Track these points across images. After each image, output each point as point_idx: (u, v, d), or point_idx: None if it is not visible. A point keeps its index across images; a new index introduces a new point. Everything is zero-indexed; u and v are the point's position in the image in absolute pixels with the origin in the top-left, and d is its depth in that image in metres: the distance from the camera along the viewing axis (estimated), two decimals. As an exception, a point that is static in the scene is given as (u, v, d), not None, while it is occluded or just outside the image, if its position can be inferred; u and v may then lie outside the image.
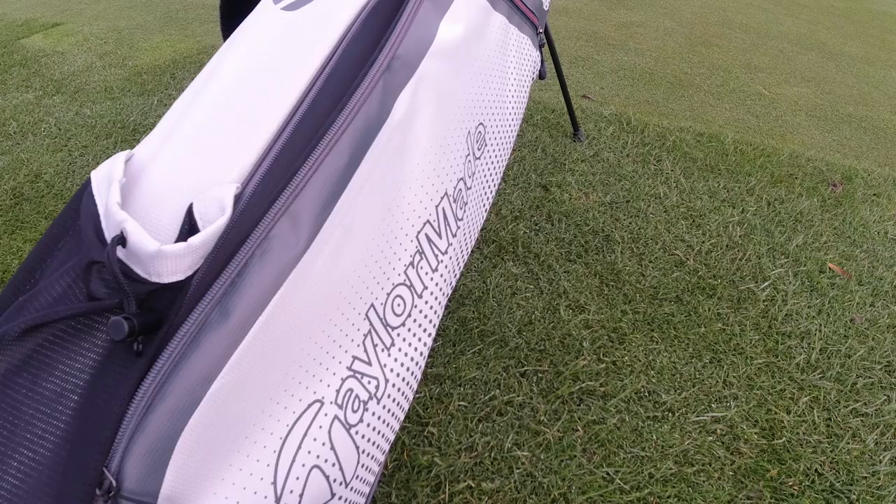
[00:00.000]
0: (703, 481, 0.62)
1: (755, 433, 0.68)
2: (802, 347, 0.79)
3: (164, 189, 0.33)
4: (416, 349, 0.43)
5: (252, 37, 0.42)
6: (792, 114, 1.57)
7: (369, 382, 0.38)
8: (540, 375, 0.72)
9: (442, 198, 0.44)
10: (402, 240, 0.41)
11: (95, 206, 0.31)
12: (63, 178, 1.06)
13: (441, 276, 0.46)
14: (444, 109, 0.45)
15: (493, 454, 0.63)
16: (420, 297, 0.43)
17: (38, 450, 0.28)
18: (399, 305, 0.41)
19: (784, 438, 0.67)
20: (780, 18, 2.55)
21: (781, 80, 1.81)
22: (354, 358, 0.37)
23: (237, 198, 0.32)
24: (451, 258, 0.47)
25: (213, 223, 0.31)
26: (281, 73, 0.38)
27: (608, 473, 0.62)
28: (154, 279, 0.29)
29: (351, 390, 0.36)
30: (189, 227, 0.31)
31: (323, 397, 0.34)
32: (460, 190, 0.48)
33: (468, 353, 0.75)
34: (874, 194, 1.18)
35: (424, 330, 0.44)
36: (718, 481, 0.62)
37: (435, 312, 0.45)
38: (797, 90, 1.75)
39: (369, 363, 0.38)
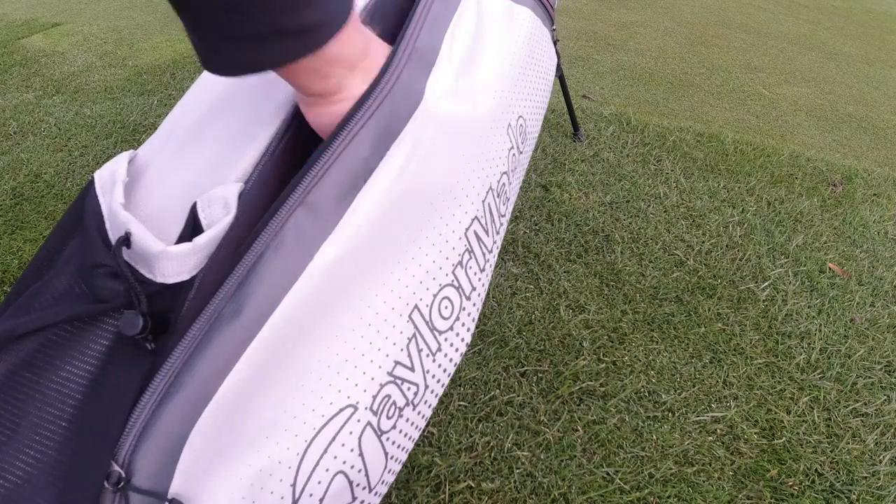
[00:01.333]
0: (703, 481, 0.62)
1: (755, 433, 0.68)
2: (802, 347, 0.79)
3: (166, 189, 0.33)
4: (458, 351, 0.41)
5: None
6: (792, 114, 1.57)
7: (409, 389, 0.36)
8: (540, 375, 0.72)
9: (487, 192, 0.42)
10: (450, 237, 0.38)
11: (99, 206, 0.31)
12: (63, 178, 1.06)
13: (487, 275, 0.43)
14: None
15: (493, 454, 0.63)
16: (468, 298, 0.41)
17: (44, 443, 0.28)
18: (447, 308, 0.39)
19: (784, 438, 0.67)
20: (780, 18, 2.55)
21: (781, 80, 1.81)
22: (396, 363, 0.35)
23: (241, 195, 0.32)
24: (494, 256, 0.45)
25: (217, 222, 0.31)
26: None
27: (608, 473, 0.62)
28: (159, 279, 0.29)
29: (388, 396, 0.35)
30: (193, 227, 0.31)
31: (357, 402, 0.33)
32: (503, 184, 0.45)
33: (468, 353, 0.75)
34: (874, 194, 1.18)
35: (468, 330, 0.42)
36: (718, 481, 0.62)
37: (478, 314, 0.43)
38: (797, 90, 1.75)
39: (412, 369, 0.36)
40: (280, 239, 0.31)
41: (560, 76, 1.14)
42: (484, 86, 0.43)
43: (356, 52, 0.33)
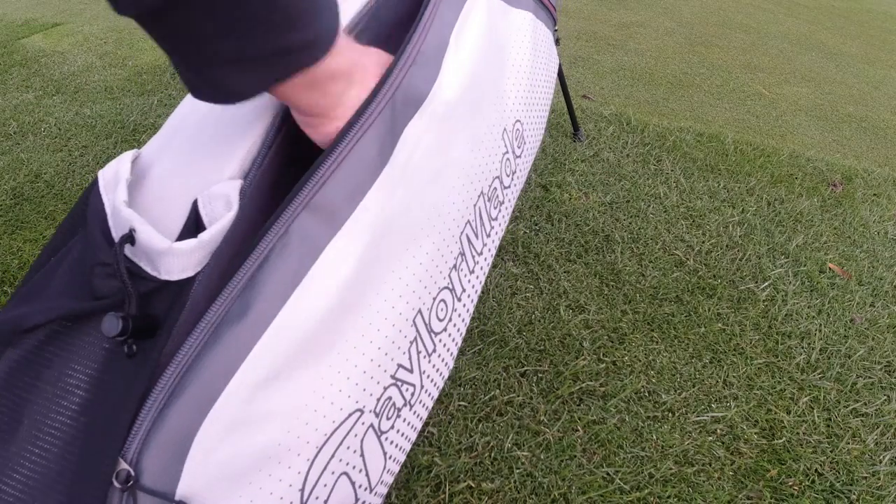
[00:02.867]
0: (703, 481, 0.62)
1: (755, 433, 0.68)
2: (802, 347, 0.79)
3: (168, 186, 0.33)
4: (450, 353, 0.42)
5: None
6: (792, 114, 1.57)
7: (407, 390, 0.37)
8: (540, 375, 0.72)
9: (478, 196, 0.43)
10: (449, 241, 0.39)
11: (102, 204, 0.31)
12: (63, 178, 1.06)
13: (477, 277, 0.44)
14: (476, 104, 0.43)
15: (493, 454, 0.63)
16: (459, 300, 0.42)
17: (47, 445, 0.28)
18: (442, 310, 0.40)
19: (784, 438, 0.67)
20: (780, 18, 2.55)
21: (781, 80, 1.81)
22: (399, 366, 0.36)
23: (242, 192, 0.32)
24: (485, 259, 0.46)
25: (219, 219, 0.31)
26: None
27: (608, 473, 0.62)
28: (163, 276, 0.29)
29: (390, 398, 0.35)
30: (195, 223, 0.31)
31: (364, 406, 0.33)
32: (495, 189, 0.46)
33: (468, 353, 0.75)
34: (874, 194, 1.18)
35: (459, 332, 0.43)
36: (718, 481, 0.62)
37: (469, 315, 0.44)
38: (797, 90, 1.75)
39: (411, 370, 0.37)
40: (285, 241, 0.31)
41: (560, 76, 1.14)
42: (480, 91, 0.44)
43: (348, 65, 0.33)
